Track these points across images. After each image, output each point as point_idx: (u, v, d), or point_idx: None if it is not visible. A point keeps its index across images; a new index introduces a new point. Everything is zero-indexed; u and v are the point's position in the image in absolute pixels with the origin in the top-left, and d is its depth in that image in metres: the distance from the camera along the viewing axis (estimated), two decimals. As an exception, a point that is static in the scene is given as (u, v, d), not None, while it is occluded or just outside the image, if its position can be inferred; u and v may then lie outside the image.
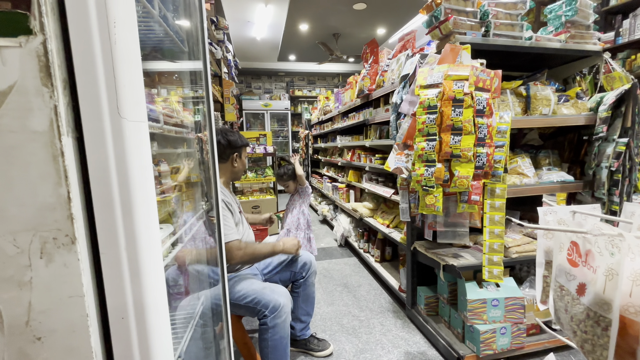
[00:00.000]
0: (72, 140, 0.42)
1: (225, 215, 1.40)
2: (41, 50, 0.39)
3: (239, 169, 1.58)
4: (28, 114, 0.39)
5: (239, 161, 1.57)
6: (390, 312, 2.11)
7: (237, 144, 1.54)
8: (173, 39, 0.99)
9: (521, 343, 1.57)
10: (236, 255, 1.37)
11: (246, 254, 1.40)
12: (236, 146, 1.54)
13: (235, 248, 1.36)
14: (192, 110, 1.35)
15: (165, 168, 1.00)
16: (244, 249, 1.39)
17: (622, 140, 1.57)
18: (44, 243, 0.41)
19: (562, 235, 0.54)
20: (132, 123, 0.44)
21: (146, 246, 0.46)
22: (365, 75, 2.71)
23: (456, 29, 1.58)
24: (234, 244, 1.36)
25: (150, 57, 0.97)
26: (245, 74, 7.95)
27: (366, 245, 2.98)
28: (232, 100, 3.87)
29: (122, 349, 0.46)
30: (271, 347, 1.29)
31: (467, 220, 1.61)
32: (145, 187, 0.47)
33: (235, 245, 1.36)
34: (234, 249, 1.36)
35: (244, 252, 1.39)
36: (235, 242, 1.37)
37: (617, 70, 1.71)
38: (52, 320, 0.42)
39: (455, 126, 1.37)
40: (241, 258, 1.39)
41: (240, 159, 1.57)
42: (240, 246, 1.38)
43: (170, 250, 0.87)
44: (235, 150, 1.54)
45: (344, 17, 5.08)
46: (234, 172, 1.57)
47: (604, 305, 0.43)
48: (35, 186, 0.40)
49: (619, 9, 3.11)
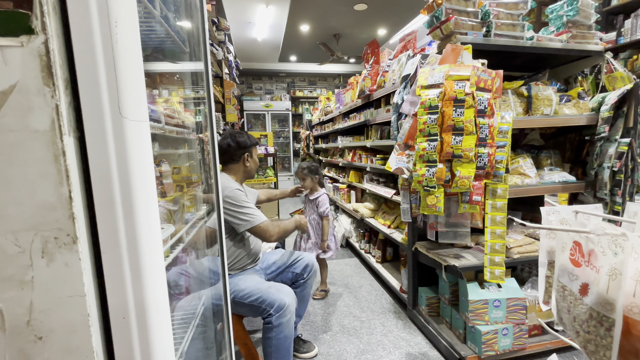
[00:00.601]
0: (73, 139, 0.42)
1: (248, 203, 1.47)
2: (43, 49, 0.39)
3: (252, 168, 1.64)
4: (29, 113, 0.39)
5: (251, 160, 1.62)
6: (391, 313, 2.11)
7: (246, 144, 1.59)
8: (174, 40, 0.99)
9: (523, 344, 1.56)
10: (272, 233, 1.47)
11: (280, 232, 1.52)
12: (246, 146, 1.58)
13: (271, 227, 1.47)
14: (193, 111, 1.35)
15: (166, 168, 1.00)
16: (276, 226, 1.51)
17: (625, 140, 1.56)
18: (45, 242, 0.41)
19: (565, 235, 0.54)
20: (134, 122, 0.44)
21: (147, 246, 0.46)
22: (366, 75, 2.70)
23: (457, 29, 1.58)
24: (266, 223, 1.47)
25: (151, 57, 0.98)
26: (246, 75, 7.97)
27: (367, 245, 2.97)
28: (233, 101, 3.87)
29: (123, 349, 0.46)
30: (275, 346, 1.29)
31: (468, 221, 1.61)
32: (147, 186, 0.47)
33: (269, 224, 1.47)
34: (270, 228, 1.47)
35: (278, 228, 1.51)
36: (267, 222, 1.47)
37: (619, 70, 1.70)
38: (53, 320, 0.42)
39: (456, 126, 1.37)
40: (278, 234, 1.50)
41: (252, 158, 1.63)
42: (272, 224, 1.49)
43: (171, 250, 0.87)
44: (246, 150, 1.59)
45: (344, 18, 5.08)
46: (247, 171, 1.63)
47: (607, 305, 0.43)
48: (36, 186, 0.40)
49: (620, 9, 3.10)
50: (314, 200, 2.20)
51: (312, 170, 2.19)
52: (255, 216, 1.45)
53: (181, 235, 0.93)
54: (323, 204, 2.18)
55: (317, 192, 2.21)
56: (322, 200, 2.18)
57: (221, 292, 1.06)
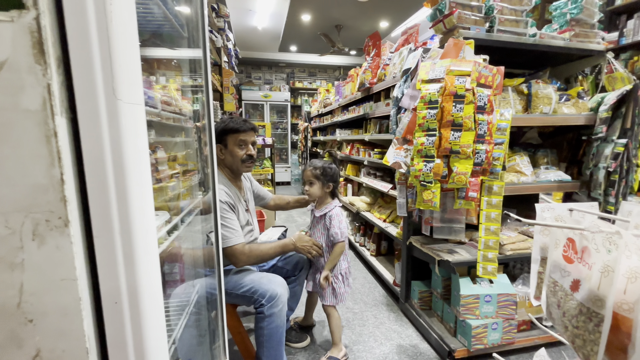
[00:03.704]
0: (65, 120, 0.41)
1: (229, 217, 1.32)
2: (34, 25, 0.37)
3: (229, 162, 1.42)
4: (20, 91, 0.38)
5: (226, 152, 1.41)
6: (384, 306, 2.13)
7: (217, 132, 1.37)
8: (172, 23, 0.96)
9: (512, 339, 1.59)
10: (240, 259, 1.32)
11: (251, 258, 1.35)
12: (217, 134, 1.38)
13: (239, 252, 1.31)
14: (190, 99, 1.33)
15: (162, 155, 0.99)
16: (247, 253, 1.34)
17: (621, 141, 1.57)
18: (36, 225, 0.40)
19: (559, 232, 0.55)
20: (128, 105, 0.43)
21: (141, 231, 0.45)
22: (367, 68, 2.68)
23: (460, 23, 1.56)
24: (238, 248, 1.31)
25: (149, 42, 0.95)
26: (246, 64, 7.86)
27: (362, 239, 2.99)
28: (231, 90, 3.83)
29: (115, 333, 0.46)
30: (267, 336, 1.30)
31: (463, 217, 1.62)
32: (141, 170, 0.46)
33: (239, 250, 1.31)
34: (238, 254, 1.31)
35: (247, 256, 1.34)
36: (239, 247, 1.32)
37: (620, 70, 1.70)
38: (44, 303, 0.41)
39: (455, 122, 1.37)
40: (245, 263, 1.34)
41: (227, 150, 1.40)
42: (244, 250, 1.33)
43: (166, 237, 0.87)
44: (218, 140, 1.38)
45: (346, 9, 5.01)
46: (227, 165, 1.44)
47: (598, 302, 0.43)
48: (27, 167, 0.39)
49: (623, 9, 3.08)
50: (321, 216, 1.58)
51: (326, 173, 1.55)
52: (227, 238, 1.28)
53: (176, 223, 0.92)
54: (335, 223, 1.52)
55: (326, 206, 1.57)
56: (334, 216, 1.53)
57: (215, 281, 1.06)
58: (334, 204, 1.58)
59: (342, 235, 1.52)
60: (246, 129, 1.41)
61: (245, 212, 1.52)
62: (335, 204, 1.58)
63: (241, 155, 1.42)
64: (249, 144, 1.44)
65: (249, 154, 1.44)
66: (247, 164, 1.46)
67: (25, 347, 0.42)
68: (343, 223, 1.54)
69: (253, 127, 1.45)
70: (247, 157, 1.43)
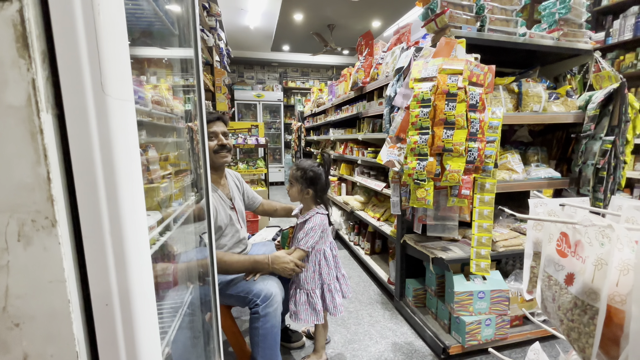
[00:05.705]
0: (52, 117, 0.39)
1: None
2: (17, 18, 0.36)
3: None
4: (3, 87, 0.36)
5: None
6: (378, 304, 2.14)
7: None
8: (162, 20, 0.95)
9: (505, 334, 1.61)
10: None
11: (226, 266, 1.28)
12: None
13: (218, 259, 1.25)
14: (182, 99, 1.31)
15: (154, 154, 0.97)
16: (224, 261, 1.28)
17: (609, 138, 1.60)
18: (21, 225, 0.39)
19: (552, 227, 0.55)
20: (117, 101, 0.42)
21: (132, 230, 0.44)
22: (360, 67, 2.68)
23: (452, 22, 1.58)
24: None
25: (138, 40, 0.93)
26: (238, 64, 7.81)
27: (356, 238, 3.00)
28: (223, 90, 3.79)
29: (106, 336, 0.44)
30: (262, 336, 1.29)
31: (456, 214, 1.63)
32: (132, 168, 0.45)
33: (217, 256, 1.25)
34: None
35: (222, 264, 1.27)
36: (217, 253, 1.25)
37: (607, 69, 1.74)
38: (31, 306, 0.40)
39: (448, 120, 1.38)
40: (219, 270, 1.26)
41: None
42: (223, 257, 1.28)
43: (158, 238, 0.85)
44: None
45: (339, 8, 5.01)
46: None
47: (592, 295, 0.44)
48: (11, 165, 0.38)
49: (610, 9, 3.15)
50: (302, 223, 1.45)
51: (306, 176, 1.41)
52: None
53: (168, 223, 0.90)
54: (307, 227, 1.39)
55: (308, 212, 1.45)
56: (308, 221, 1.41)
57: (209, 281, 1.05)
58: (316, 210, 1.44)
59: (305, 244, 1.37)
60: (212, 119, 1.38)
61: (230, 209, 1.47)
62: (317, 211, 1.44)
63: (213, 147, 1.38)
64: (219, 134, 1.39)
65: (221, 144, 1.39)
66: (221, 154, 1.40)
67: (11, 353, 0.40)
68: (316, 232, 1.38)
69: (219, 116, 1.41)
70: (219, 148, 1.39)
